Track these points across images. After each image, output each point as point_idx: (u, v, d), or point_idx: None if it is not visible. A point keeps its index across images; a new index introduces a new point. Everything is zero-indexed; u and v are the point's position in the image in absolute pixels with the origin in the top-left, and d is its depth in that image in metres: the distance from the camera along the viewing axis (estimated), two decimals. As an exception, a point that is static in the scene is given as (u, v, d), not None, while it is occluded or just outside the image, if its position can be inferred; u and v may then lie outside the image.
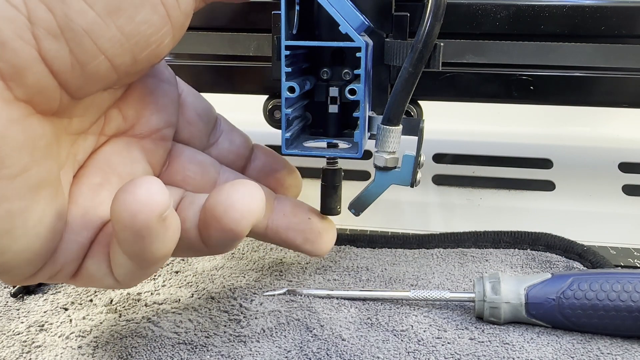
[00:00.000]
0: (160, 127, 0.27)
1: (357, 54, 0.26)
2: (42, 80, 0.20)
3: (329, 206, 0.31)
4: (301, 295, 0.34)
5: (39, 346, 0.30)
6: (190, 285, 0.36)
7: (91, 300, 0.34)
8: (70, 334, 0.31)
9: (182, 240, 0.24)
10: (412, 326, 0.31)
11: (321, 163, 0.31)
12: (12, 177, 0.20)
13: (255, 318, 0.32)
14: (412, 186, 0.29)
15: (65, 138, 0.23)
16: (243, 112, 0.36)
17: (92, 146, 0.26)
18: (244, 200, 0.22)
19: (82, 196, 0.24)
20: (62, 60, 0.20)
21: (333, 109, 0.30)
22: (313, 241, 0.31)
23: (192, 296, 0.34)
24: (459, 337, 0.30)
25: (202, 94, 0.31)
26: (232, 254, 0.40)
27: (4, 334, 0.31)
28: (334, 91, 0.29)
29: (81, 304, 0.34)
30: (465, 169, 0.48)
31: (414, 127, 0.28)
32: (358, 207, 0.31)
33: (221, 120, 0.32)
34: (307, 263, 0.39)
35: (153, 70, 0.27)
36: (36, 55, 0.19)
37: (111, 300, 0.34)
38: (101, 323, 0.32)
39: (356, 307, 0.33)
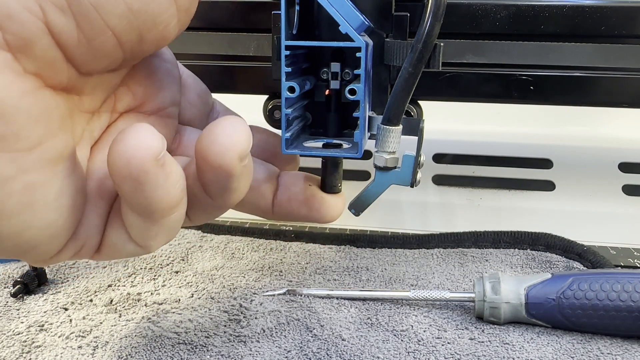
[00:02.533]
0: (166, 105, 0.28)
1: (357, 54, 0.26)
2: (50, 52, 0.20)
3: (330, 184, 0.30)
4: (301, 295, 0.34)
5: (39, 346, 0.30)
6: (190, 285, 0.36)
7: (91, 300, 0.34)
8: (70, 334, 0.31)
9: (190, 198, 0.24)
10: (412, 326, 0.31)
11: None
12: (29, 150, 0.20)
13: (255, 318, 0.32)
14: (412, 186, 0.29)
15: (79, 115, 0.24)
16: (243, 112, 0.36)
17: (107, 123, 0.26)
18: (225, 132, 0.22)
19: (97, 168, 0.25)
20: (69, 34, 0.20)
21: (335, 84, 0.29)
22: (318, 208, 0.30)
23: (192, 296, 0.34)
24: (459, 337, 0.30)
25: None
26: (232, 253, 0.40)
27: (4, 334, 0.31)
28: (335, 84, 0.29)
29: (81, 304, 0.34)
30: (465, 169, 0.48)
31: (414, 127, 0.28)
32: (358, 207, 0.31)
33: (216, 103, 0.32)
34: (307, 263, 0.39)
35: (156, 51, 0.27)
36: (43, 27, 0.19)
37: (111, 300, 0.34)
38: (101, 323, 0.32)
39: (356, 307, 0.33)
